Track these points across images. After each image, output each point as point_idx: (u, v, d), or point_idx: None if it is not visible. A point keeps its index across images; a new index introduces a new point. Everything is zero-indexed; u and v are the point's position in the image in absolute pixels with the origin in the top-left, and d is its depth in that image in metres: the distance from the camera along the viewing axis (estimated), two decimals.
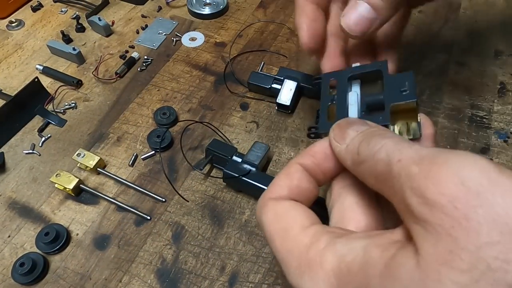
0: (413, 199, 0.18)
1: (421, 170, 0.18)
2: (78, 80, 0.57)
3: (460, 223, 0.16)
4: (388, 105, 0.27)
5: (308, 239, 0.22)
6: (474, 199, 0.16)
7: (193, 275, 0.40)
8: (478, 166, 0.17)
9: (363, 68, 0.30)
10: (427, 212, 0.17)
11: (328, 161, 0.26)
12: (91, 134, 0.52)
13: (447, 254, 0.16)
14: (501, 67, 0.57)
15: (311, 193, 0.26)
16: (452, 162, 0.17)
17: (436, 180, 0.17)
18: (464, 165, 0.17)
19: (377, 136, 0.22)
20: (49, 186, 0.47)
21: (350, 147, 0.24)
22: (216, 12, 0.67)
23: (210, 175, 0.47)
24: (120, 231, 0.43)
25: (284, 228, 0.23)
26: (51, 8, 0.70)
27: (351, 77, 0.31)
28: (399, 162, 0.19)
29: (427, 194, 0.17)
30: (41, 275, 0.40)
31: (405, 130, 0.27)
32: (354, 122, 0.25)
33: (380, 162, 0.21)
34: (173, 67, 0.59)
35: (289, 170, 0.26)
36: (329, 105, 0.30)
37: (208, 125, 0.51)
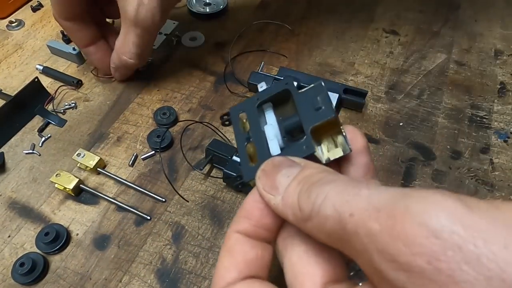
0: (384, 265, 0.15)
1: (382, 227, 0.15)
2: (78, 80, 0.57)
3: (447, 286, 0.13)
4: (307, 129, 0.24)
5: None
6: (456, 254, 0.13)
7: (193, 275, 0.40)
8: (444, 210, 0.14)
9: (269, 91, 0.27)
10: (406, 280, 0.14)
11: (266, 216, 0.22)
12: (91, 134, 0.52)
13: None
14: (501, 67, 0.57)
15: (263, 259, 0.23)
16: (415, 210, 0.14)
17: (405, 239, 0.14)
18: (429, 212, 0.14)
19: (316, 185, 0.19)
20: (49, 186, 0.47)
21: (287, 200, 0.20)
22: (216, 12, 0.67)
23: (210, 175, 0.47)
24: (120, 231, 0.43)
25: None
26: (51, 8, 0.69)
27: (260, 103, 0.27)
28: (352, 217, 0.16)
29: (400, 258, 0.14)
30: (41, 275, 0.40)
31: (333, 146, 0.24)
32: (281, 165, 0.22)
33: (329, 219, 0.17)
34: (173, 67, 0.59)
35: (228, 244, 0.22)
36: (246, 145, 0.26)
37: (208, 125, 0.51)
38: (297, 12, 0.68)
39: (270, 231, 0.22)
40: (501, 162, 0.48)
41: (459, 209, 0.14)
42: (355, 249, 0.16)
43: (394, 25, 0.65)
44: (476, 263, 0.12)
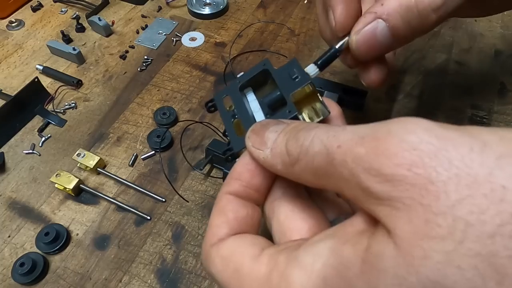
0: (370, 181, 0.16)
1: (367, 149, 0.16)
2: (78, 80, 0.57)
3: (426, 188, 0.15)
4: (288, 96, 0.26)
5: (264, 267, 0.19)
6: (432, 160, 0.15)
7: (193, 275, 0.40)
8: (422, 128, 0.16)
9: (249, 73, 0.29)
10: (391, 189, 0.15)
11: (256, 176, 0.23)
12: (91, 134, 0.52)
13: (423, 225, 0.14)
14: (501, 67, 0.57)
15: (253, 218, 0.23)
16: (395, 130, 0.16)
17: (388, 153, 0.16)
18: (408, 130, 0.16)
19: (303, 130, 0.20)
20: (49, 186, 0.47)
21: (276, 150, 0.21)
22: (216, 12, 0.67)
23: (210, 175, 0.47)
24: (120, 231, 0.43)
25: (235, 269, 0.20)
26: (51, 8, 0.70)
27: (241, 87, 0.29)
28: (339, 148, 0.17)
29: (384, 170, 0.16)
30: (41, 275, 0.40)
31: (313, 114, 0.26)
32: (269, 123, 0.23)
33: (317, 155, 0.18)
34: (173, 67, 0.59)
35: (220, 205, 0.23)
36: (233, 121, 0.28)
37: (208, 125, 0.51)
38: (297, 12, 0.68)
39: (259, 192, 0.23)
40: None
41: (434, 126, 0.16)
42: (342, 177, 0.17)
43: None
44: (447, 165, 0.14)
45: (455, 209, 0.14)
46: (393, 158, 0.15)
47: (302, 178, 0.20)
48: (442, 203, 0.14)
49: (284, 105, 0.26)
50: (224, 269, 0.21)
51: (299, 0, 0.70)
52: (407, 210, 0.15)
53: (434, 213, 0.14)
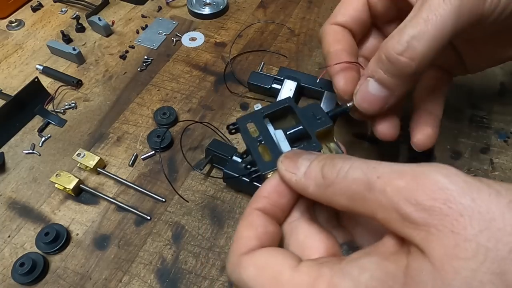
0: (409, 208, 0.19)
1: (407, 183, 0.20)
2: (78, 80, 0.57)
3: (457, 219, 0.18)
4: (312, 132, 0.30)
5: (306, 276, 0.21)
6: (461, 198, 0.19)
7: (193, 275, 0.40)
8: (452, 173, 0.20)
9: (273, 106, 0.32)
10: (427, 217, 0.19)
11: (283, 197, 0.26)
12: (91, 134, 0.52)
13: (454, 248, 0.18)
14: (501, 67, 0.57)
15: (277, 236, 0.26)
16: (431, 173, 0.20)
17: (426, 189, 0.19)
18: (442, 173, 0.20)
19: (339, 158, 0.23)
20: (49, 186, 0.47)
21: (310, 173, 0.24)
22: (216, 12, 0.67)
23: (210, 175, 0.47)
24: (120, 231, 0.43)
25: (273, 276, 0.22)
26: (51, 8, 0.70)
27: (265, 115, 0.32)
28: (379, 178, 0.21)
29: (423, 201, 0.19)
30: (41, 275, 0.40)
31: (327, 151, 0.30)
32: (301, 152, 0.26)
33: (356, 181, 0.21)
34: (173, 67, 0.59)
35: (250, 219, 0.25)
36: (258, 145, 0.31)
37: (208, 125, 0.51)
38: (297, 12, 0.68)
39: (283, 212, 0.26)
40: (501, 162, 0.48)
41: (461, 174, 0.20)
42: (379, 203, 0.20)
43: None
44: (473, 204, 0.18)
45: (478, 237, 0.18)
46: (430, 193, 0.19)
47: (333, 200, 0.23)
48: (469, 232, 0.18)
49: (303, 139, 0.31)
50: (260, 276, 0.22)
51: (299, 0, 0.70)
52: (440, 235, 0.18)
53: (462, 239, 0.18)
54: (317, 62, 0.60)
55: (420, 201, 0.19)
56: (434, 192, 0.19)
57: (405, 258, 0.20)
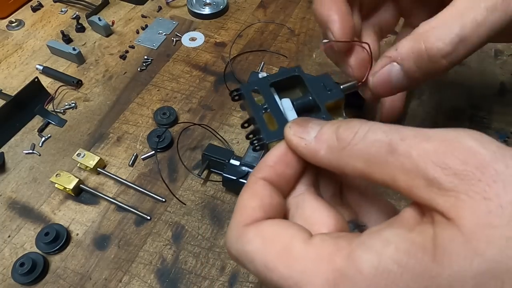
0: (438, 173, 0.18)
1: (436, 146, 0.19)
2: (78, 80, 0.57)
3: (489, 185, 0.17)
4: (322, 104, 0.28)
5: (321, 250, 0.19)
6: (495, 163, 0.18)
7: (193, 275, 0.40)
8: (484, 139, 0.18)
9: (280, 75, 0.30)
10: (458, 182, 0.18)
11: (289, 167, 0.24)
12: (91, 134, 0.52)
13: (487, 216, 0.17)
14: (501, 67, 0.57)
15: (282, 209, 0.24)
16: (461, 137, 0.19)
17: (458, 153, 0.18)
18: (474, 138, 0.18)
19: (357, 121, 0.21)
20: (49, 186, 0.47)
21: (323, 136, 0.22)
22: (216, 12, 0.67)
23: (210, 179, 0.47)
24: (120, 231, 0.43)
25: (283, 249, 0.20)
26: (51, 8, 0.70)
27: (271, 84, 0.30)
28: (403, 141, 0.19)
29: (454, 166, 0.18)
30: (41, 275, 0.40)
31: None
32: (311, 119, 0.24)
33: (376, 142, 0.20)
34: (173, 67, 0.59)
35: (254, 188, 0.23)
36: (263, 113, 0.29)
37: (206, 127, 0.51)
38: (297, 12, 0.68)
39: (288, 183, 0.25)
40: None
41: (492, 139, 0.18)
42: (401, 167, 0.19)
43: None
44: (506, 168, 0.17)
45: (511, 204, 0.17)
46: (462, 157, 0.18)
47: (348, 164, 0.21)
48: (503, 199, 0.17)
49: (311, 111, 0.29)
50: (267, 248, 0.20)
51: (299, 0, 0.70)
52: (471, 202, 0.17)
53: (495, 206, 0.17)
54: (317, 62, 0.60)
55: (450, 165, 0.18)
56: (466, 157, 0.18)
57: (431, 228, 0.18)
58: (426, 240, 0.18)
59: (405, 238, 0.18)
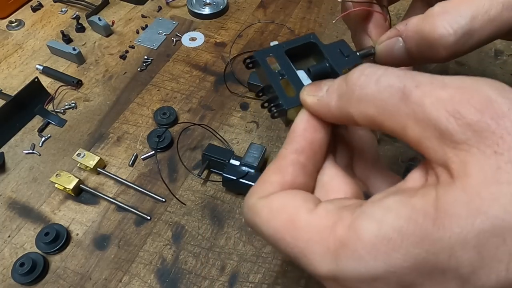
0: (452, 123, 0.17)
1: (451, 94, 0.17)
2: (78, 80, 0.57)
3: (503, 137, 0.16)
4: (340, 71, 0.27)
5: (324, 220, 0.20)
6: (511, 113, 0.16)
7: (193, 275, 0.40)
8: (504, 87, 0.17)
9: (295, 42, 0.30)
10: (471, 134, 0.17)
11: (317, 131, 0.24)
12: (91, 134, 0.52)
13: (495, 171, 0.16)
14: (501, 67, 0.57)
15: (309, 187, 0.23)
16: (479, 85, 0.17)
17: (474, 102, 0.17)
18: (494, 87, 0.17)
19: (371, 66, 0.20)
20: (49, 186, 0.47)
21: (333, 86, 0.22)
22: (216, 12, 0.67)
23: (210, 179, 0.47)
24: (120, 231, 0.43)
25: (289, 219, 0.20)
26: (51, 8, 0.70)
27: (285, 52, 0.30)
28: (418, 88, 0.18)
29: (467, 115, 0.17)
30: (41, 275, 0.40)
31: None
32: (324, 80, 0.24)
33: (389, 88, 0.19)
34: (173, 67, 0.59)
35: (281, 163, 0.23)
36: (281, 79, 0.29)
37: (206, 127, 0.51)
38: (297, 12, 0.68)
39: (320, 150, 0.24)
40: None
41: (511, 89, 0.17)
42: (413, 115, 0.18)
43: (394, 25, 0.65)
44: None
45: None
46: (478, 106, 0.17)
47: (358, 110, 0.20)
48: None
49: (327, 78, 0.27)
50: (274, 219, 0.21)
51: (299, 0, 0.70)
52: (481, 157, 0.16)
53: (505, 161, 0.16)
54: None
55: (464, 114, 0.17)
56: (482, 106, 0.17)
57: (433, 191, 0.17)
58: (428, 204, 0.17)
59: (406, 204, 0.18)
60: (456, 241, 0.16)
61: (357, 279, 0.18)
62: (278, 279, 0.39)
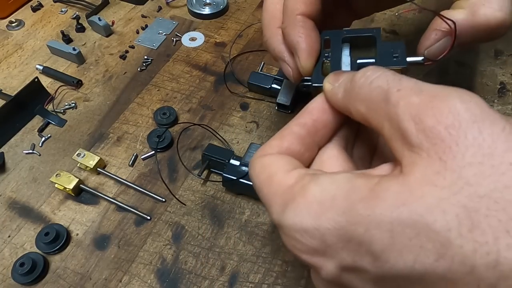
0: (411, 126, 0.19)
1: (422, 100, 0.19)
2: (78, 80, 0.57)
3: (450, 147, 0.18)
4: None
5: (292, 180, 0.23)
6: (467, 127, 0.18)
7: (193, 275, 0.40)
8: (474, 101, 0.19)
9: (357, 31, 0.31)
10: (423, 138, 0.19)
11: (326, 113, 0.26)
12: (91, 134, 0.52)
13: (433, 175, 0.18)
14: (501, 67, 0.57)
15: (303, 156, 0.26)
16: (452, 96, 0.19)
17: (437, 110, 0.19)
18: (461, 98, 0.19)
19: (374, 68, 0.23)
20: (49, 186, 0.47)
21: (343, 81, 0.25)
22: (216, 12, 0.67)
23: (210, 179, 0.47)
24: (120, 231, 0.43)
25: (269, 175, 0.24)
26: (51, 8, 0.70)
27: (344, 38, 0.31)
28: (399, 91, 0.20)
29: (426, 121, 0.19)
30: (41, 275, 0.40)
31: None
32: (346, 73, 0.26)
33: (377, 89, 0.21)
34: (173, 67, 0.59)
35: (285, 131, 0.27)
36: (323, 60, 0.31)
37: (206, 127, 0.51)
38: None
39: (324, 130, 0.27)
40: None
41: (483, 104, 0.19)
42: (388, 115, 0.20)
43: (394, 25, 0.65)
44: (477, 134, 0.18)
45: (464, 169, 0.17)
46: (438, 115, 0.19)
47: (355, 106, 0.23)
48: (456, 163, 0.18)
49: None
50: (260, 174, 0.25)
51: None
52: (428, 160, 0.18)
53: (445, 168, 0.18)
54: None
55: (423, 120, 0.19)
56: (442, 115, 0.18)
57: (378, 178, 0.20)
58: (366, 186, 0.20)
59: (350, 181, 0.21)
60: (373, 220, 0.19)
61: (291, 228, 0.22)
62: (278, 279, 0.39)
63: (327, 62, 0.31)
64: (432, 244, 0.17)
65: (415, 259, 0.18)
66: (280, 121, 0.52)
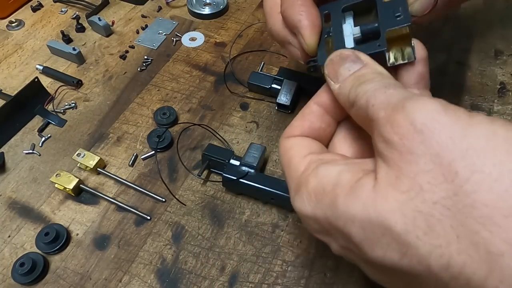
0: (378, 138, 0.22)
1: (385, 114, 0.22)
2: (78, 80, 0.57)
3: (405, 156, 0.20)
4: (383, 31, 0.28)
5: (303, 166, 0.26)
6: (419, 136, 0.20)
7: (193, 275, 0.40)
8: (426, 109, 0.20)
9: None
10: (385, 149, 0.21)
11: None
12: (91, 134, 0.52)
13: (394, 179, 0.20)
14: (501, 67, 0.57)
15: (325, 131, 0.29)
16: (407, 106, 0.21)
17: (393, 123, 0.21)
18: (416, 109, 0.20)
19: (366, 82, 0.25)
20: (49, 186, 0.47)
21: (342, 89, 0.26)
22: (216, 12, 0.67)
23: (210, 179, 0.47)
24: (120, 231, 0.43)
25: (289, 159, 0.28)
26: (51, 8, 0.70)
27: (343, 8, 0.31)
28: (373, 107, 0.23)
29: (385, 134, 0.21)
30: (41, 275, 0.40)
31: (400, 56, 0.28)
32: (347, 58, 0.27)
33: (362, 107, 0.24)
34: (173, 67, 0.59)
35: (305, 111, 0.29)
36: (326, 37, 0.30)
37: (206, 127, 0.51)
38: None
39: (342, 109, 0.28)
40: None
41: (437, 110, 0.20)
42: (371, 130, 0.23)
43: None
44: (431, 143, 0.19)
45: (418, 176, 0.19)
46: (394, 127, 0.21)
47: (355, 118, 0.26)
48: (411, 169, 0.20)
49: (377, 38, 0.28)
50: (283, 156, 0.29)
51: None
52: (389, 166, 0.21)
53: (403, 174, 0.20)
54: None
55: (384, 134, 0.21)
56: (398, 127, 0.20)
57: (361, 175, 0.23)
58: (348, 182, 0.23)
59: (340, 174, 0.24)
60: (348, 216, 0.22)
61: (300, 212, 0.26)
62: (278, 279, 0.39)
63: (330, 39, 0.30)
64: (395, 244, 0.20)
65: (384, 254, 0.20)
66: (280, 121, 0.52)
